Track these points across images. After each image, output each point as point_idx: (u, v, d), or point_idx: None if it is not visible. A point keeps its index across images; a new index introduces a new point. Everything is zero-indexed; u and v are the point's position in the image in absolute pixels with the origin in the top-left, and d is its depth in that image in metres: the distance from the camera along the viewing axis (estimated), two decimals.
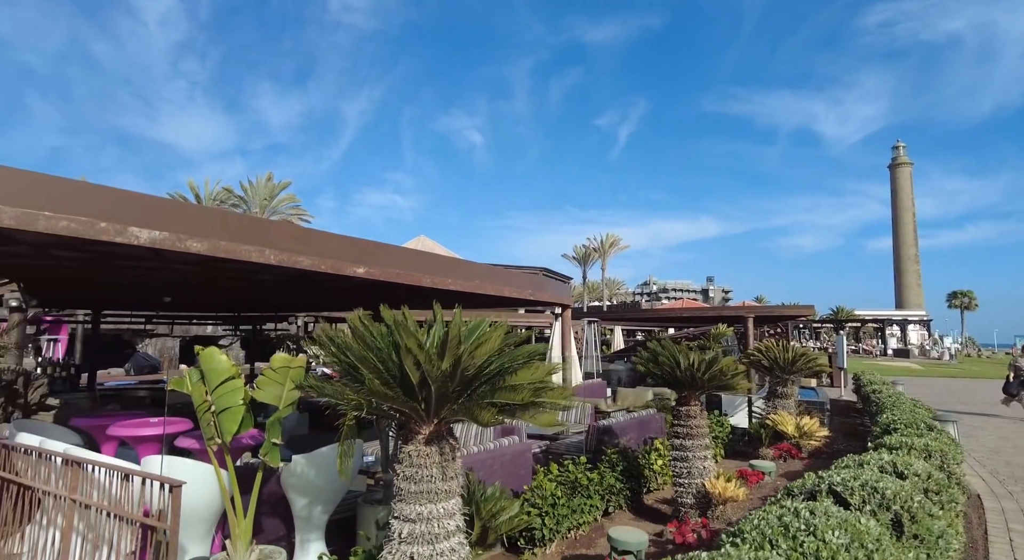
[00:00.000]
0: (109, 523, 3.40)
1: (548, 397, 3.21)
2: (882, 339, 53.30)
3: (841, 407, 15.22)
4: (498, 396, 3.01)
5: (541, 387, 3.13)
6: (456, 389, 3.05)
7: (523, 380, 3.06)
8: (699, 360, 5.71)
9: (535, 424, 3.06)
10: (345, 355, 3.14)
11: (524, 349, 3.31)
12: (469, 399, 3.08)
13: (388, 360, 3.06)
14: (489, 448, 6.15)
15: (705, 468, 5.80)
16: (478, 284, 6.81)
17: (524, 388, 2.98)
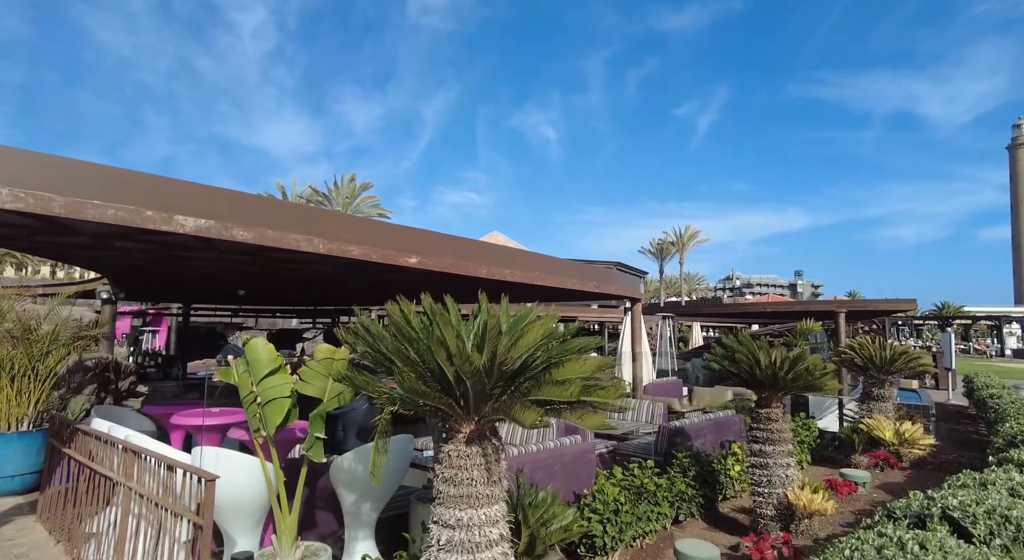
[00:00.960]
0: (158, 511, 3.40)
1: (599, 396, 2.88)
2: (998, 338, 48.15)
3: (949, 412, 13.73)
4: (543, 392, 2.71)
5: (591, 384, 2.79)
6: (496, 386, 2.78)
7: (570, 374, 2.74)
8: (781, 358, 5.14)
9: (583, 426, 2.74)
10: (379, 346, 2.94)
11: (574, 342, 2.99)
12: (511, 397, 2.80)
13: (424, 353, 2.84)
14: (549, 447, 5.85)
15: (787, 477, 5.23)
16: (538, 276, 6.52)
17: (573, 383, 2.66)
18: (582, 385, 2.75)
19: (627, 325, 12.57)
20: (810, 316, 13.63)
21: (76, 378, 7.05)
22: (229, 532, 3.79)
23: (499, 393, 2.84)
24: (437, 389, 2.80)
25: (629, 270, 43.25)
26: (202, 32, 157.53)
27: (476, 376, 2.65)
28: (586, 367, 2.71)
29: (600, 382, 2.90)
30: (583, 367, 2.72)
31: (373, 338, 3.00)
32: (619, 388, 2.95)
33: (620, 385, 3.13)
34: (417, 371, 2.80)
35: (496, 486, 2.97)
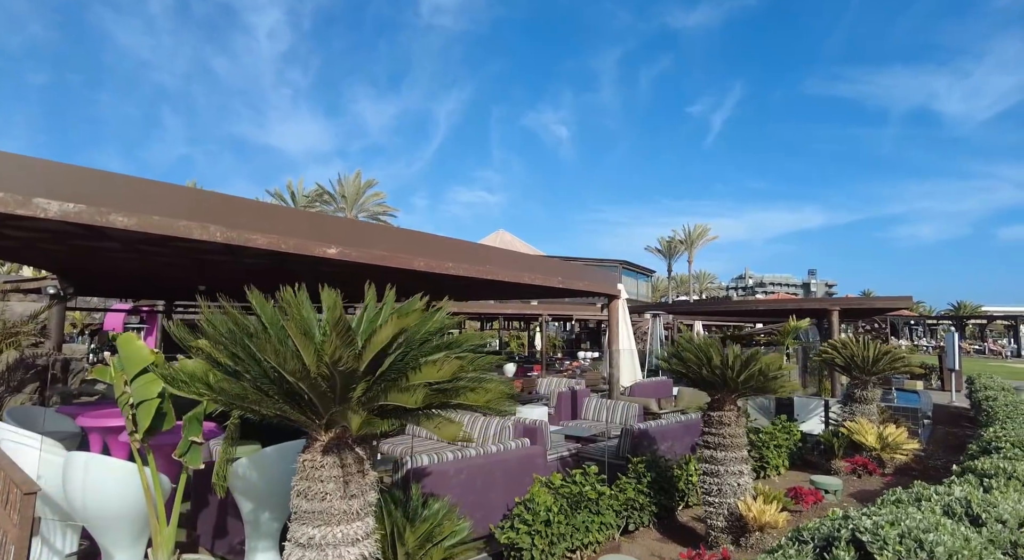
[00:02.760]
0: None
1: (469, 399, 2.54)
2: (1015, 338, 46.96)
3: (950, 415, 13.18)
4: (390, 398, 2.37)
5: (450, 387, 2.46)
6: (349, 389, 2.46)
7: (427, 378, 2.40)
8: (732, 357, 4.76)
9: (439, 435, 2.40)
10: (221, 344, 2.62)
11: (437, 342, 2.65)
12: (359, 402, 2.47)
13: (268, 352, 2.52)
14: (490, 451, 5.52)
15: (740, 486, 4.85)
16: (488, 269, 6.17)
17: (418, 389, 2.33)
18: (439, 389, 2.42)
19: (618, 321, 12.19)
20: (803, 314, 13.16)
21: (16, 376, 6.82)
22: (105, 545, 3.51)
23: (352, 397, 2.52)
24: (276, 393, 2.48)
25: (636, 269, 42.70)
26: (219, 34, 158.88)
27: (310, 380, 2.32)
28: (443, 371, 2.37)
29: (466, 384, 2.57)
30: (440, 371, 2.38)
31: (216, 334, 2.68)
32: (493, 391, 2.61)
33: (498, 387, 2.79)
34: (252, 372, 2.48)
35: (356, 500, 2.64)
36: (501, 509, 5.14)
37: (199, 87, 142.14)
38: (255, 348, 2.50)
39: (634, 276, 41.54)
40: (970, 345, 49.46)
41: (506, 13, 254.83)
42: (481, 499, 5.14)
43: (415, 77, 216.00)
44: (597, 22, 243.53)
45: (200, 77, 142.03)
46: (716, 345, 4.95)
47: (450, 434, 2.34)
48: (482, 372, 2.91)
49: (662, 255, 70.03)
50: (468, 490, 5.08)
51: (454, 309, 14.03)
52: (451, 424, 2.38)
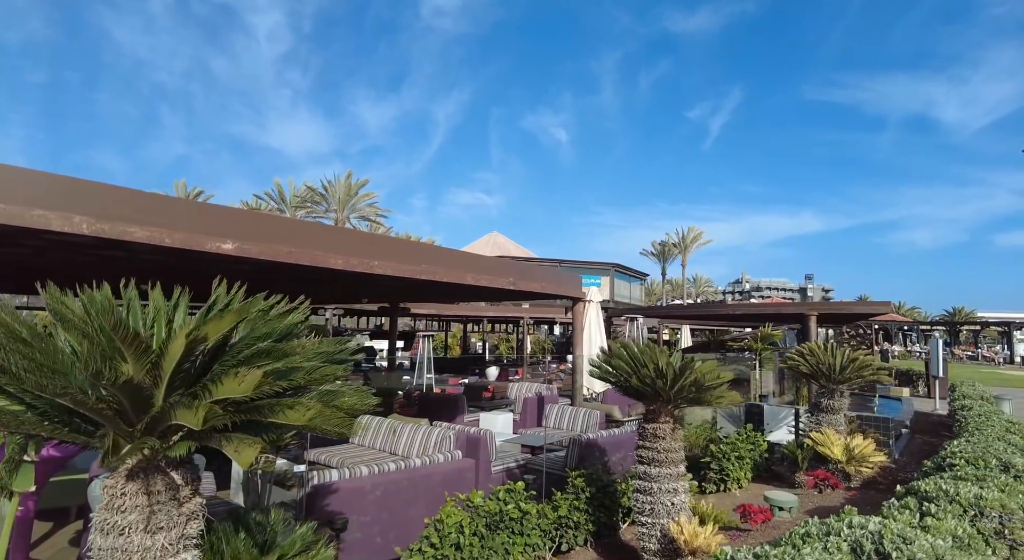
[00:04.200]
0: None
1: (286, 417, 2.16)
2: (1008, 344, 46.65)
3: (931, 423, 12.80)
4: (178, 416, 1.99)
5: (257, 404, 2.08)
6: (133, 406, 2.08)
7: (225, 393, 2.03)
8: (666, 364, 4.38)
9: (237, 461, 2.01)
10: None
11: (261, 347, 2.28)
12: (150, 421, 2.09)
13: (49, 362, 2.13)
14: (413, 465, 5.14)
15: (674, 505, 4.47)
16: (425, 270, 5.80)
17: (200, 407, 1.95)
18: (230, 407, 2.05)
19: (587, 323, 11.82)
20: (781, 318, 12.80)
21: None
22: None
23: (145, 417, 2.14)
24: (57, 413, 2.10)
25: (629, 272, 42.30)
26: (219, 34, 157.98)
27: (79, 397, 1.94)
28: (244, 384, 1.99)
29: (291, 400, 2.19)
30: (242, 385, 2.00)
31: None
32: (314, 408, 2.23)
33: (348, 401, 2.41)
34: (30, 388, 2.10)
35: (164, 534, 2.26)
36: (421, 529, 4.76)
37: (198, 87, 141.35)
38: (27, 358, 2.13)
39: (627, 279, 41.17)
40: (963, 351, 49.14)
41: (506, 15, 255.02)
42: (398, 518, 4.77)
43: (414, 79, 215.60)
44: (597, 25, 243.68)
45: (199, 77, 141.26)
46: (652, 351, 4.57)
47: (245, 460, 1.96)
48: (325, 383, 2.54)
49: (656, 258, 69.72)
50: (384, 508, 4.71)
51: (433, 311, 13.72)
52: (249, 447, 2.00)
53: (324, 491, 4.51)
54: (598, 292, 13.06)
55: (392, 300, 12.22)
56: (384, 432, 7.08)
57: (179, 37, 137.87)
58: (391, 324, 12.14)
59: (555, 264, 36.70)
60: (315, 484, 4.50)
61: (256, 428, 2.26)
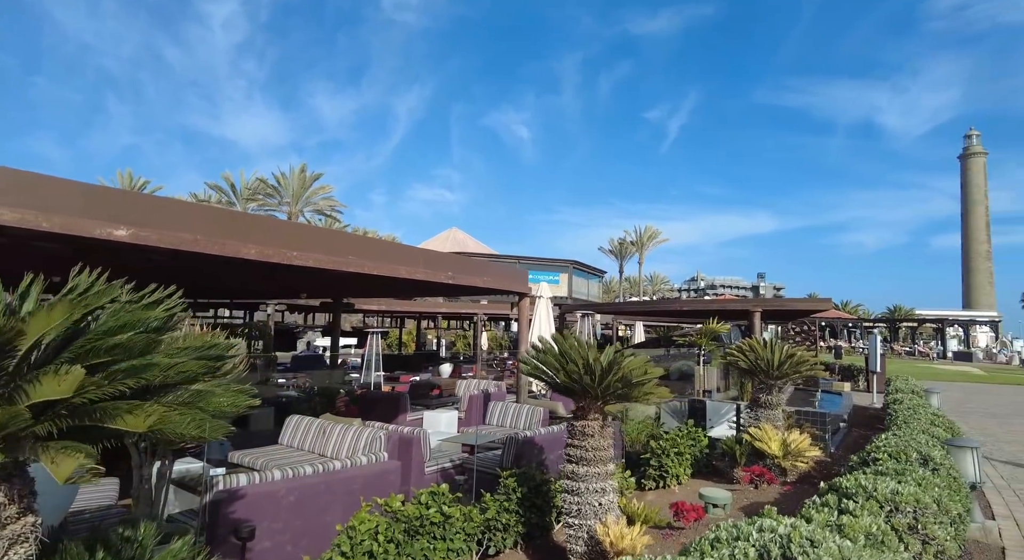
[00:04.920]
0: None
1: (125, 423, 1.88)
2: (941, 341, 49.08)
3: (868, 417, 13.19)
4: None
5: (87, 406, 1.80)
6: None
7: (44, 395, 1.74)
8: (594, 361, 4.24)
9: (55, 475, 1.73)
10: None
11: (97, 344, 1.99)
12: None
13: None
14: (332, 468, 4.86)
15: (601, 505, 4.33)
16: (351, 261, 5.50)
17: None
18: (54, 410, 1.76)
19: (537, 318, 11.68)
20: (727, 315, 12.96)
21: None
22: None
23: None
24: None
25: (587, 269, 42.57)
26: (171, 21, 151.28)
27: None
28: (66, 384, 1.71)
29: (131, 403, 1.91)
30: (62, 385, 1.71)
31: None
32: (156, 413, 1.96)
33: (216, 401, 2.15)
34: None
35: None
36: (336, 536, 4.50)
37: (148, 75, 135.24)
38: None
39: (585, 276, 41.45)
40: (902, 347, 51.41)
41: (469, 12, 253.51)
42: (313, 525, 4.48)
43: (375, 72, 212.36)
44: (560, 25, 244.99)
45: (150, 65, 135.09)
46: (581, 347, 4.42)
47: (63, 472, 1.68)
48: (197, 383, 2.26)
49: (614, 256, 70.51)
50: (298, 515, 4.42)
51: (384, 307, 13.27)
52: (69, 457, 1.72)
53: (232, 497, 4.20)
54: (549, 288, 12.95)
55: (335, 295, 11.81)
56: (314, 433, 6.76)
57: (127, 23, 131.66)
58: (333, 320, 11.73)
59: (514, 261, 36.59)
60: (221, 490, 4.18)
61: (94, 434, 1.97)
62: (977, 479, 5.41)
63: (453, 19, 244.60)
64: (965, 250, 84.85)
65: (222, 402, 2.32)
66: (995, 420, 13.63)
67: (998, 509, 6.41)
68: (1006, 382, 25.73)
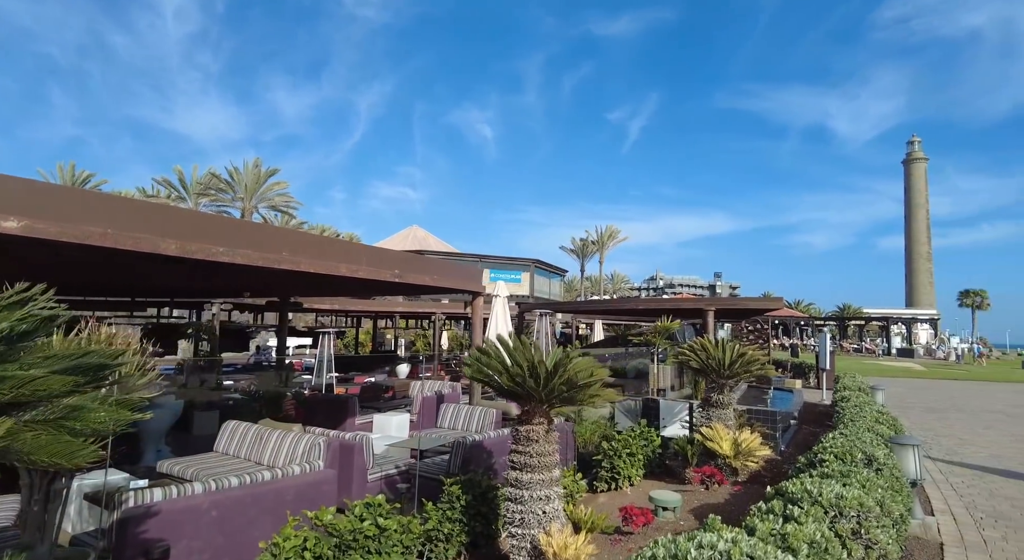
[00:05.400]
0: None
1: None
2: (886, 338, 51.15)
3: (817, 415, 13.49)
4: None
5: None
6: None
7: None
8: (539, 362, 4.06)
9: None
10: None
11: None
12: None
13: None
14: (259, 478, 4.54)
15: (546, 513, 4.16)
16: (285, 258, 5.18)
17: None
18: None
19: (493, 318, 11.48)
20: (680, 314, 13.03)
21: None
22: None
23: None
24: None
25: (549, 268, 42.63)
26: (118, 8, 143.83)
27: None
28: None
29: None
30: None
31: None
32: None
33: None
34: None
35: None
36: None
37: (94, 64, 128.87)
38: None
39: (547, 275, 41.52)
40: (850, 344, 53.35)
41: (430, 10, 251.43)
42: (237, 542, 4.17)
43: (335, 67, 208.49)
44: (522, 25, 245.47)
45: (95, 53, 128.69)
46: (525, 348, 4.24)
47: None
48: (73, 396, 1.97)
49: (575, 255, 70.96)
50: (221, 531, 4.10)
51: (338, 306, 12.80)
52: None
53: (146, 514, 3.85)
54: (507, 287, 12.75)
55: (281, 294, 11.34)
56: (250, 440, 6.39)
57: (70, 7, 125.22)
58: (280, 320, 11.26)
59: (476, 259, 36.32)
60: (134, 506, 3.83)
61: None
62: (918, 476, 5.47)
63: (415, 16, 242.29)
64: (908, 251, 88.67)
65: (100, 417, 2.03)
66: (934, 415, 14.14)
67: (937, 504, 6.54)
68: (943, 377, 26.94)
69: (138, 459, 8.13)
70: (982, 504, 6.60)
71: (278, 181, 53.01)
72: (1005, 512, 6.32)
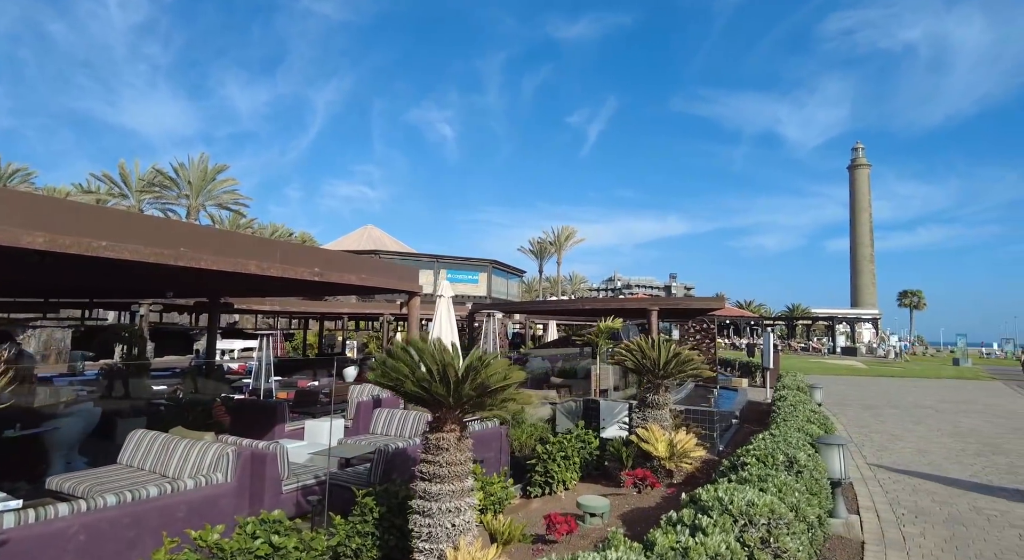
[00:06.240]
0: None
1: None
2: (832, 337, 53.03)
3: (759, 413, 13.66)
4: None
5: None
6: None
7: None
8: (448, 365, 3.80)
9: None
10: None
11: None
12: None
13: None
14: (142, 496, 4.14)
15: (455, 527, 3.91)
16: (182, 254, 4.77)
17: None
18: None
19: (438, 319, 11.16)
20: (625, 313, 13.02)
21: None
22: None
23: None
24: None
25: (506, 269, 42.44)
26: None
27: None
28: None
29: None
30: None
31: None
32: None
33: None
34: None
35: None
36: None
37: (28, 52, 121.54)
38: None
39: (505, 276, 41.34)
40: (798, 343, 55.07)
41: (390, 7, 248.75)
42: None
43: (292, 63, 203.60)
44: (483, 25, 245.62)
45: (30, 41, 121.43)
46: (438, 350, 3.97)
47: None
48: None
49: (534, 256, 71.13)
50: (93, 557, 3.68)
51: (278, 307, 12.08)
52: None
53: None
54: (451, 287, 12.45)
55: (209, 295, 10.76)
56: (157, 450, 5.92)
57: None
58: (209, 322, 10.68)
59: (432, 260, 35.81)
60: None
61: None
62: (843, 476, 5.47)
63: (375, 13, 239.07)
64: (853, 253, 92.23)
65: None
66: (870, 412, 14.55)
67: (863, 501, 6.60)
68: (882, 375, 27.99)
69: (43, 472, 7.51)
70: (905, 500, 6.69)
71: (227, 178, 51.21)
72: (926, 507, 6.42)
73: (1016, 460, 9.03)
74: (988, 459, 9.04)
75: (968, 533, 5.60)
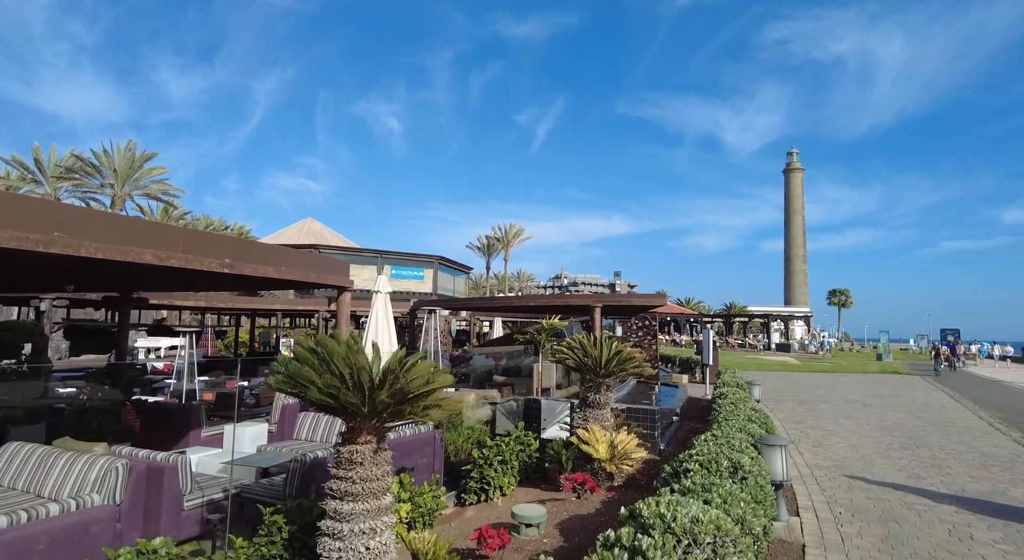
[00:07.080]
0: None
1: None
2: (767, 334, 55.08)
3: (699, 410, 13.72)
4: None
5: None
6: None
7: None
8: (362, 369, 3.34)
9: None
10: None
11: None
12: None
13: None
14: None
15: (370, 550, 3.46)
16: (59, 239, 4.09)
17: None
18: None
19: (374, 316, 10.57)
20: (569, 310, 12.80)
21: None
22: None
23: None
24: None
25: (453, 265, 41.73)
26: None
27: None
28: None
29: None
30: None
31: None
32: None
33: None
34: None
35: None
36: None
37: None
38: None
39: (451, 272, 40.63)
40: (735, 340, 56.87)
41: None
42: None
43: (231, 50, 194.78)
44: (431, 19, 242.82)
45: None
46: (354, 353, 3.50)
47: None
48: None
49: (481, 253, 70.61)
50: None
51: (204, 303, 10.99)
52: None
53: None
54: (388, 282, 11.88)
55: (120, 289, 9.80)
56: (32, 465, 5.15)
57: None
58: (120, 318, 9.73)
59: (376, 255, 34.73)
60: None
61: None
62: (785, 477, 5.34)
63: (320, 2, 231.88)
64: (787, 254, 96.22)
65: None
66: (804, 407, 14.92)
67: (802, 501, 6.55)
68: (814, 370, 29.13)
69: None
70: (841, 498, 6.69)
71: (157, 166, 48.21)
72: (861, 505, 6.42)
73: (938, 453, 9.34)
74: (913, 453, 9.30)
75: (902, 531, 5.59)
